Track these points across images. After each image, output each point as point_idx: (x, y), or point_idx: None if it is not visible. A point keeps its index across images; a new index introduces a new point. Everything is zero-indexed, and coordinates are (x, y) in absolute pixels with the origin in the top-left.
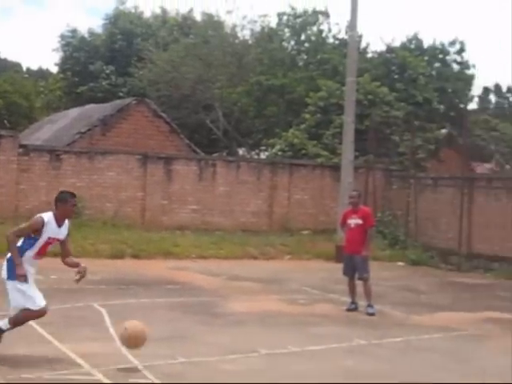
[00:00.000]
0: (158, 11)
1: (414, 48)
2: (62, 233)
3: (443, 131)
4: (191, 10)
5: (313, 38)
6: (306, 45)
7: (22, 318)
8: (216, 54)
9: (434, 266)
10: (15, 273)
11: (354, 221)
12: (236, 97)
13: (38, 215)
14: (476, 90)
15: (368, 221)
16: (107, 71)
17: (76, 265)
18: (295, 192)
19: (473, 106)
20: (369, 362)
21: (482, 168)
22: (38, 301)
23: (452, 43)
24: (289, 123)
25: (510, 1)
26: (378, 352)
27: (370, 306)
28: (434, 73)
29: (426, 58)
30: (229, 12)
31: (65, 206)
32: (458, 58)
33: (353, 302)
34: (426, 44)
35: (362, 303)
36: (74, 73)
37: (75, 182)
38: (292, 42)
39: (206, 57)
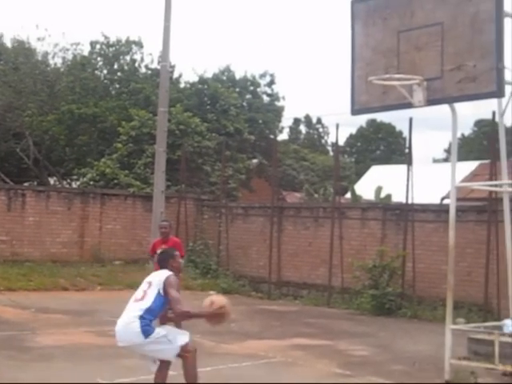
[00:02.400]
0: None
1: (225, 79)
2: None
3: (254, 161)
4: (1, 36)
5: (126, 68)
6: (119, 74)
7: (192, 363)
8: (27, 81)
9: (245, 294)
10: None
11: None
12: (47, 125)
13: (170, 274)
14: (286, 121)
15: (178, 251)
16: None
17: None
18: (107, 222)
19: (283, 136)
20: None
21: (292, 197)
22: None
23: (262, 75)
24: (101, 152)
25: (318, 36)
26: None
27: None
28: (245, 104)
29: (237, 89)
30: (40, 39)
31: (176, 261)
32: (269, 90)
33: None
34: (237, 76)
35: None
36: None
37: None
38: (105, 71)
39: (16, 84)
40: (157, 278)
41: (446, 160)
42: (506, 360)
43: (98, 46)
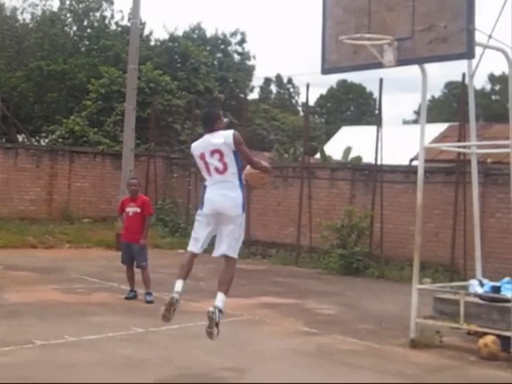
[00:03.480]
0: None
1: (196, 37)
2: None
3: (224, 120)
4: None
5: (96, 24)
6: (89, 31)
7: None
8: None
9: None
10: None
11: (132, 209)
12: (15, 81)
13: (233, 132)
14: (257, 81)
15: (146, 209)
16: None
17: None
18: (76, 180)
19: (254, 96)
20: (145, 350)
21: (262, 157)
22: None
23: (233, 34)
24: (70, 110)
25: None
26: (155, 339)
27: (148, 293)
28: (215, 63)
29: (208, 47)
30: None
31: (223, 122)
32: (239, 49)
33: (132, 290)
34: (208, 34)
35: (141, 291)
36: None
37: None
38: (74, 28)
39: None
40: (222, 142)
41: (415, 121)
42: (470, 319)
43: (67, 2)
